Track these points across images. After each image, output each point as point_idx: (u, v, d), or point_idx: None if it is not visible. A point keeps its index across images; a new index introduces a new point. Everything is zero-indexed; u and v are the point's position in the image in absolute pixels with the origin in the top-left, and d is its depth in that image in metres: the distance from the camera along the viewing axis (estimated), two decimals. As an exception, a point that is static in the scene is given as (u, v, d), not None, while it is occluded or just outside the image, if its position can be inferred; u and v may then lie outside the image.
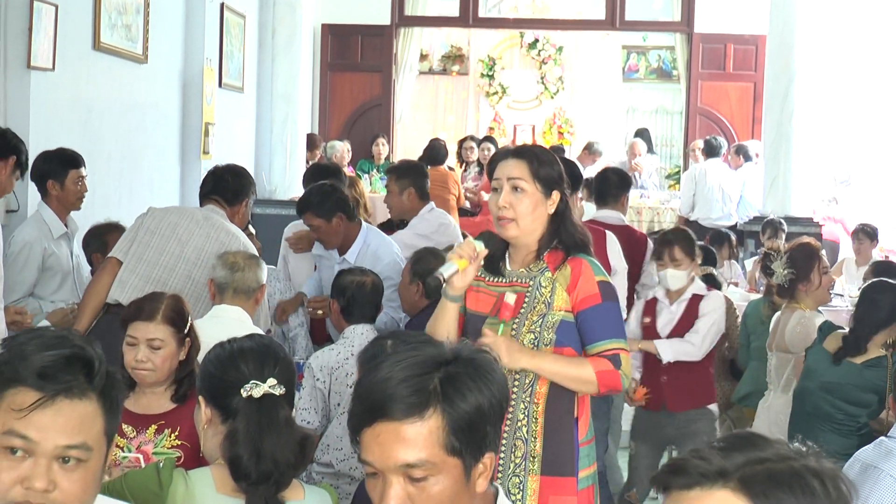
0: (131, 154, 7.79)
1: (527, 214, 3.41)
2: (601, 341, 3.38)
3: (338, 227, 5.50)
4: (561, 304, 3.40)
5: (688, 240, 5.41)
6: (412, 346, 1.91)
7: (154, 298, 3.70)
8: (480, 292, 3.50)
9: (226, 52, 9.78)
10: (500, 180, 3.45)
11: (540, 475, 3.38)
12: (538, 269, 3.45)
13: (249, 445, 2.64)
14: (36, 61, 6.29)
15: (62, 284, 5.61)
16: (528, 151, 3.54)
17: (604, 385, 3.34)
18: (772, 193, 10.53)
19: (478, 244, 3.37)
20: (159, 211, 5.10)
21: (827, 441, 4.79)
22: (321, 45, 13.38)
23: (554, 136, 16.87)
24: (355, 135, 13.48)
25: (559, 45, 17.00)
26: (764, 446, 1.45)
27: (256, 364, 2.76)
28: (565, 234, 3.47)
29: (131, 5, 7.68)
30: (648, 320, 5.45)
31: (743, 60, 13.12)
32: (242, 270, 4.52)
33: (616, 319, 3.43)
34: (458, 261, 3.32)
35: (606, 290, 3.43)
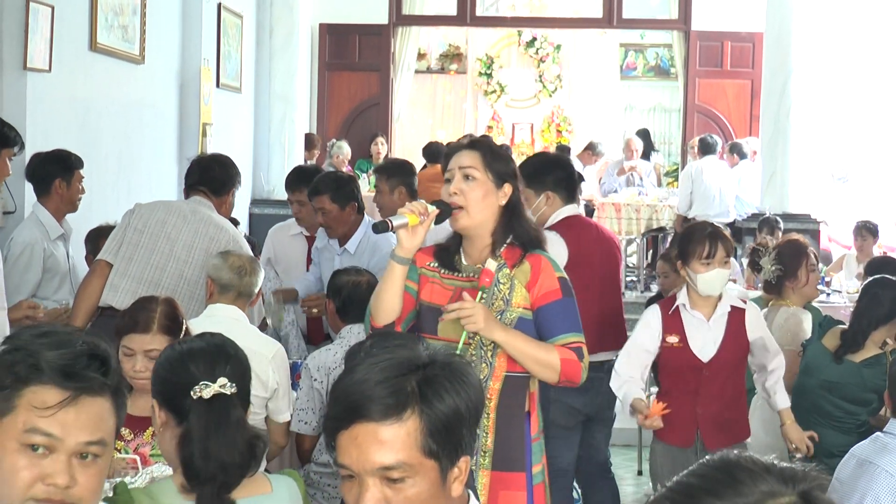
0: (129, 155, 7.79)
1: (477, 202, 3.43)
2: (563, 334, 3.41)
3: (348, 217, 5.52)
4: (520, 300, 3.43)
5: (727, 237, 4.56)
6: (388, 349, 1.91)
7: (147, 307, 3.68)
8: (435, 284, 3.52)
9: (223, 52, 9.78)
10: (452, 170, 3.49)
11: (490, 470, 3.40)
12: (496, 266, 3.46)
13: (199, 446, 2.64)
14: (32, 62, 6.29)
15: (60, 285, 5.62)
16: (482, 143, 3.59)
17: (564, 374, 3.38)
18: (769, 190, 10.55)
19: (430, 206, 3.40)
20: (145, 208, 5.08)
21: (826, 438, 4.80)
22: (319, 44, 13.38)
23: (552, 134, 16.87)
24: (353, 134, 13.48)
25: (557, 43, 16.99)
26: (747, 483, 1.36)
27: (207, 364, 2.75)
28: (519, 229, 3.49)
29: (128, 6, 7.68)
30: (677, 340, 4.47)
31: (740, 58, 13.12)
32: (248, 275, 4.54)
33: (575, 314, 3.47)
34: (409, 215, 3.34)
35: (565, 287, 3.47)
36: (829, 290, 8.84)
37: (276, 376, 4.38)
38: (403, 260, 3.43)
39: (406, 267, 3.45)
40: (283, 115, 11.15)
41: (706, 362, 4.43)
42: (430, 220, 3.38)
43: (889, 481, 3.26)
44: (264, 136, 11.15)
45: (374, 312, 3.51)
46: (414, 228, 3.36)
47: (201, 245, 4.97)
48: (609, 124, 16.81)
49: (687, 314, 4.48)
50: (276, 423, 4.45)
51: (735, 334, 4.48)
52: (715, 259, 4.37)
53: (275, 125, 11.13)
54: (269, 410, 4.42)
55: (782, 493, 1.34)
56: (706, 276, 4.37)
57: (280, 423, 4.46)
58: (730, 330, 4.47)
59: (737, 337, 4.49)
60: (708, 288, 4.40)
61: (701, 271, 4.37)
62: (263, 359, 4.36)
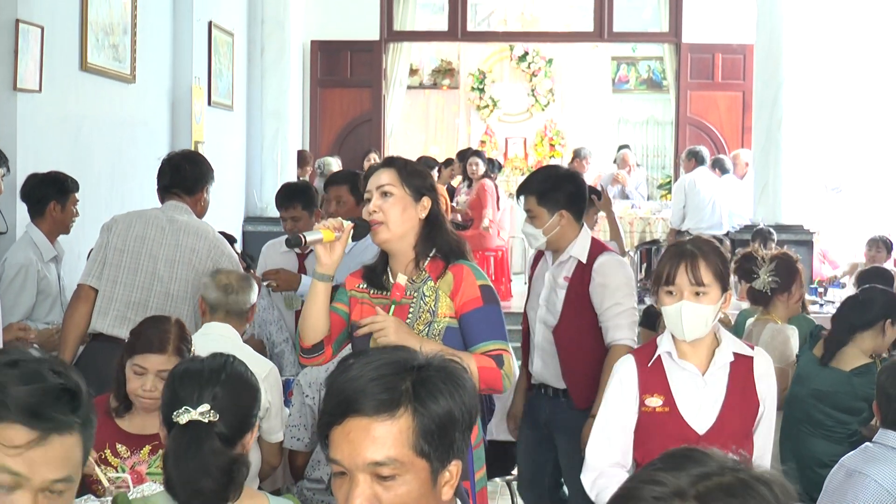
0: (121, 174, 7.78)
1: (396, 216, 3.50)
2: (484, 342, 3.44)
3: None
4: (445, 310, 3.47)
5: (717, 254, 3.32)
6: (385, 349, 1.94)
7: (162, 328, 3.71)
8: (365, 304, 3.56)
9: (214, 70, 9.78)
10: (370, 191, 3.55)
11: None
12: (420, 279, 3.52)
13: (175, 470, 2.67)
14: (22, 83, 6.29)
15: (52, 307, 5.61)
16: (397, 161, 3.66)
17: (484, 381, 3.38)
18: (762, 201, 10.55)
19: (345, 221, 3.44)
20: (122, 223, 5.03)
21: (817, 447, 4.80)
22: (310, 61, 13.40)
23: (545, 148, 16.90)
24: (346, 150, 13.49)
25: (549, 57, 17.05)
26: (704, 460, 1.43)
27: (195, 388, 2.77)
28: (440, 241, 3.54)
29: (118, 25, 7.68)
30: (661, 402, 3.31)
31: (731, 70, 13.15)
32: (236, 293, 4.54)
33: (497, 322, 3.49)
34: (324, 231, 3.38)
35: (487, 294, 3.50)
36: (823, 300, 8.85)
37: (268, 396, 4.36)
38: (324, 276, 3.48)
39: (328, 284, 3.49)
40: (276, 132, 11.15)
41: (703, 434, 3.26)
42: (347, 235, 3.42)
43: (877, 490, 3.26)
44: (257, 154, 11.14)
45: (302, 332, 3.55)
46: (331, 245, 3.41)
47: (183, 258, 4.96)
48: (602, 137, 16.84)
49: (673, 366, 3.31)
50: (268, 442, 4.43)
51: (742, 393, 3.30)
52: (676, 285, 3.23)
53: (267, 142, 11.12)
54: (262, 430, 4.40)
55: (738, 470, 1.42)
56: (668, 310, 3.25)
57: (272, 443, 4.45)
58: (734, 388, 3.30)
59: (744, 397, 3.31)
60: (673, 327, 3.27)
61: (664, 303, 3.26)
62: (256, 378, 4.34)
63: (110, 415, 3.62)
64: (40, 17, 6.48)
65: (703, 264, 3.21)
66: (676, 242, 3.39)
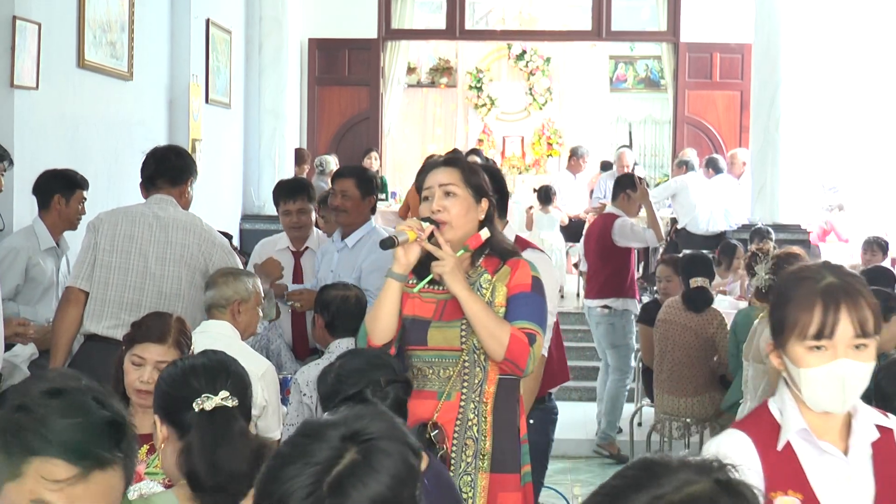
0: (118, 171, 7.77)
1: (461, 217, 3.51)
2: (521, 320, 3.44)
3: (365, 209, 5.57)
4: (501, 299, 3.49)
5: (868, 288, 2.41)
6: (301, 447, 1.75)
7: (163, 319, 3.74)
8: (415, 299, 3.56)
9: (212, 67, 9.77)
10: (431, 188, 3.56)
11: (489, 472, 3.45)
12: (476, 273, 3.54)
13: (204, 458, 2.65)
14: (20, 80, 6.27)
15: (43, 297, 5.64)
16: (459, 161, 3.69)
17: (510, 352, 3.38)
18: (760, 201, 10.56)
19: (424, 223, 3.45)
20: (107, 222, 5.00)
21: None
22: (308, 59, 13.39)
23: (543, 146, 16.90)
24: (344, 148, 13.48)
25: (547, 56, 17.04)
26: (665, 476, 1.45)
27: (208, 379, 2.78)
28: (496, 244, 3.57)
29: (116, 23, 7.67)
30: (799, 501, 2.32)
31: (729, 69, 13.15)
32: (212, 287, 4.57)
33: (540, 309, 3.51)
34: (409, 232, 3.41)
35: (537, 285, 3.53)
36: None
37: (265, 394, 4.36)
38: (400, 276, 3.48)
39: (403, 284, 3.50)
40: (273, 130, 11.15)
41: None
42: (425, 236, 3.42)
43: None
44: (254, 152, 11.14)
45: (371, 331, 3.54)
46: (410, 245, 3.42)
47: (173, 255, 4.94)
48: (599, 136, 16.84)
49: (809, 449, 2.36)
50: (265, 440, 4.44)
51: (891, 480, 2.37)
52: (833, 339, 2.31)
53: (265, 140, 11.12)
54: (259, 429, 4.40)
55: (698, 481, 1.45)
56: (816, 374, 2.32)
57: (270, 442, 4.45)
58: (883, 474, 2.36)
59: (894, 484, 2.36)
60: (822, 397, 2.33)
61: (806, 363, 2.33)
62: (253, 377, 4.28)
63: None
64: (38, 13, 6.47)
65: (866, 305, 2.33)
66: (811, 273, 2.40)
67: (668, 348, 7.00)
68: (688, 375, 6.92)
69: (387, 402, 3.05)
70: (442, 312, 3.51)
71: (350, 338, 4.67)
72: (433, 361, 3.51)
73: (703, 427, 7.04)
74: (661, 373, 7.06)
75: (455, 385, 3.47)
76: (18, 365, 4.95)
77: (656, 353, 7.13)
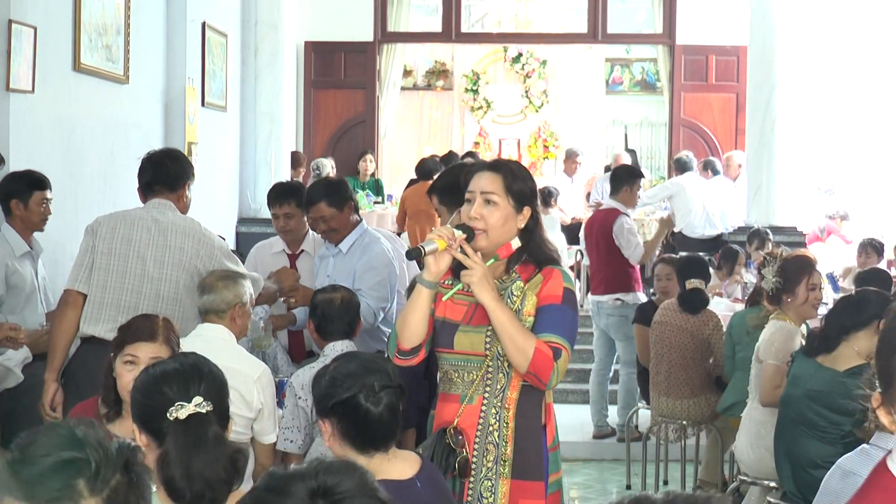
0: (114, 175, 7.76)
1: (497, 227, 3.49)
2: (548, 333, 3.41)
3: (347, 218, 5.55)
4: (530, 308, 3.47)
5: None
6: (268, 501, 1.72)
7: (150, 318, 3.75)
8: (448, 299, 3.55)
9: (208, 71, 9.77)
10: (473, 193, 3.53)
11: (510, 479, 3.44)
12: (510, 279, 3.53)
13: (180, 466, 2.64)
14: (15, 84, 6.27)
15: (26, 303, 5.58)
16: (504, 166, 3.61)
17: (534, 365, 3.36)
18: (755, 203, 10.57)
19: (456, 231, 3.42)
20: (106, 225, 4.99)
21: (811, 448, 4.80)
22: (304, 62, 13.39)
23: (539, 149, 16.91)
24: (340, 152, 13.48)
25: (543, 58, 17.04)
26: None
27: (180, 385, 2.76)
28: (535, 250, 3.54)
29: (111, 26, 7.67)
30: None
31: (725, 71, 13.17)
32: (210, 292, 4.55)
33: (569, 323, 3.48)
34: (438, 241, 3.38)
35: (568, 297, 3.50)
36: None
37: (261, 397, 4.35)
38: (430, 284, 3.47)
39: (433, 291, 3.49)
40: (269, 133, 11.14)
41: None
42: (458, 245, 3.40)
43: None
44: (250, 155, 11.13)
45: (400, 334, 3.54)
46: (441, 254, 3.40)
47: (171, 259, 4.93)
48: (595, 139, 16.85)
49: None
50: (261, 444, 4.43)
51: None
52: None
53: (261, 143, 11.11)
54: (255, 431, 4.40)
55: None
56: None
57: (266, 445, 4.44)
58: None
59: None
60: None
61: None
62: (248, 379, 4.34)
63: (101, 420, 3.60)
64: (33, 17, 6.47)
65: None
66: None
67: (664, 350, 7.00)
68: (684, 377, 6.92)
69: (380, 408, 3.04)
70: (472, 317, 3.50)
71: (345, 340, 4.68)
72: (459, 365, 3.52)
73: (700, 429, 7.05)
74: (658, 375, 7.06)
75: (478, 389, 3.48)
76: (12, 369, 4.94)
77: (652, 355, 7.13)
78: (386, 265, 5.46)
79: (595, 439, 8.68)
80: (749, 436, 5.54)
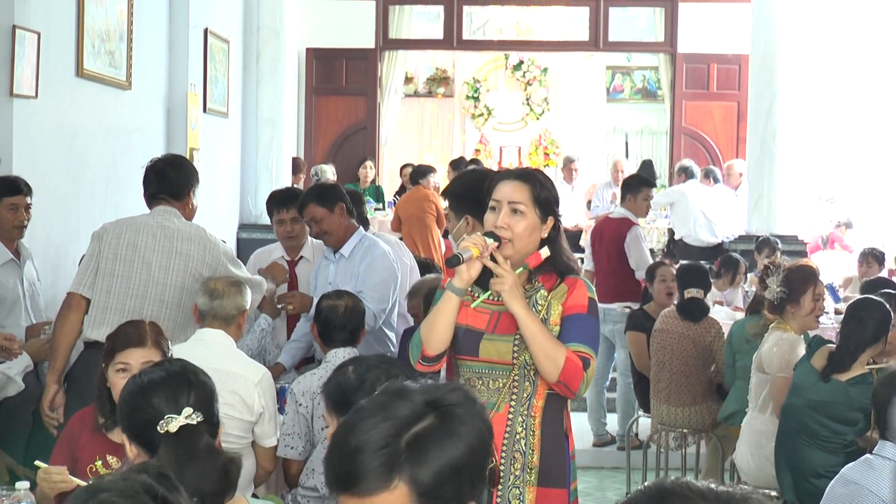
0: (116, 180, 7.77)
1: (524, 237, 3.50)
2: (576, 342, 3.43)
3: (339, 219, 5.55)
4: (556, 318, 3.49)
5: None
6: (383, 401, 1.82)
7: (136, 325, 3.73)
8: (470, 308, 3.55)
9: (210, 77, 9.78)
10: (500, 202, 3.52)
11: (536, 486, 3.47)
12: (533, 289, 3.53)
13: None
14: (19, 89, 6.28)
15: (9, 312, 5.51)
16: (532, 175, 3.61)
17: (564, 374, 3.37)
18: (756, 212, 10.57)
19: (488, 239, 3.43)
20: (112, 232, 5.00)
21: (813, 458, 4.80)
22: (306, 69, 13.40)
23: (540, 157, 16.91)
24: (341, 158, 13.49)
25: (544, 66, 17.06)
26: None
27: (169, 395, 2.75)
28: (557, 259, 3.55)
29: (114, 32, 7.68)
30: None
31: (726, 80, 13.18)
32: (221, 297, 4.53)
33: (594, 332, 3.51)
34: (473, 248, 3.38)
35: (593, 307, 3.52)
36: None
37: (261, 400, 4.36)
38: (460, 291, 3.47)
39: (461, 298, 3.49)
40: (271, 139, 11.15)
41: None
42: (489, 252, 3.40)
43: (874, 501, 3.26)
44: (252, 161, 11.14)
45: (426, 341, 3.52)
46: (473, 261, 3.40)
47: (177, 265, 4.93)
48: (596, 146, 16.86)
49: None
50: (262, 447, 4.43)
51: None
52: None
53: (262, 150, 11.12)
54: (256, 435, 4.40)
55: None
56: None
57: (267, 448, 4.44)
58: None
59: None
60: None
61: None
62: (249, 383, 4.34)
63: (99, 428, 3.59)
64: (37, 23, 6.47)
65: None
66: None
67: (665, 358, 6.98)
68: (685, 385, 6.91)
69: None
70: (496, 325, 3.51)
71: (348, 347, 4.69)
72: (483, 373, 3.52)
73: (700, 437, 7.04)
74: (660, 382, 7.04)
75: (504, 397, 3.48)
76: (13, 377, 4.93)
77: (653, 363, 7.11)
78: (387, 268, 5.49)
79: (595, 447, 8.67)
80: (749, 445, 5.54)
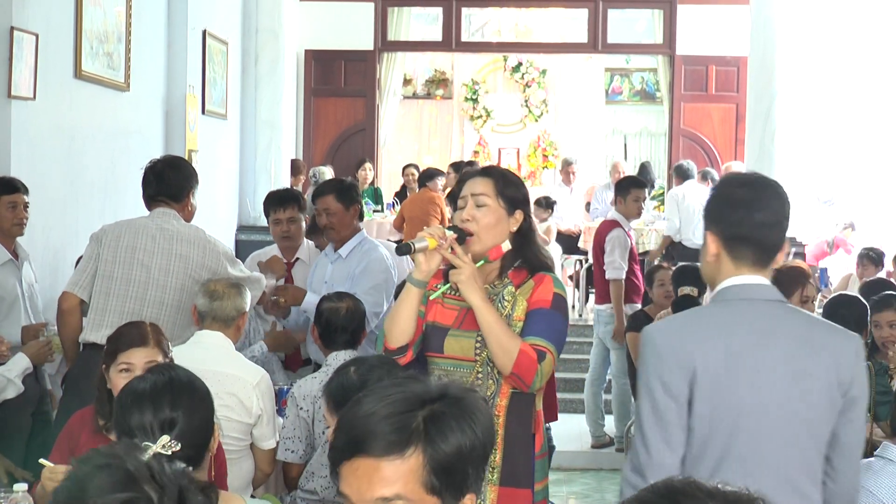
0: (115, 182, 7.77)
1: (489, 228, 3.50)
2: (534, 336, 3.41)
3: (351, 219, 5.60)
4: (520, 313, 3.48)
5: None
6: (398, 381, 1.89)
7: (137, 325, 3.74)
8: (439, 305, 3.57)
9: (209, 78, 9.77)
10: (465, 198, 3.56)
11: (498, 486, 3.44)
12: (502, 284, 3.53)
13: None
14: (17, 91, 6.27)
15: (7, 313, 5.51)
16: (495, 171, 3.67)
17: (518, 366, 3.35)
18: (755, 214, 10.55)
19: (448, 231, 3.44)
20: (111, 234, 5.00)
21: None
22: (304, 70, 13.40)
23: (538, 158, 16.92)
24: (339, 160, 13.48)
25: (543, 68, 17.08)
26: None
27: (150, 411, 2.75)
28: (529, 255, 3.55)
29: (112, 33, 7.67)
30: None
31: (725, 82, 13.18)
32: (221, 299, 4.53)
33: (557, 327, 3.48)
34: (429, 239, 3.39)
35: (558, 302, 3.50)
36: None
37: (260, 403, 4.35)
38: (419, 283, 3.47)
39: (422, 290, 3.49)
40: (269, 141, 11.15)
41: None
42: (448, 244, 3.41)
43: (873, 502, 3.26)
44: (250, 163, 11.14)
45: (388, 333, 3.54)
46: (431, 253, 3.41)
47: (176, 267, 4.93)
48: (595, 148, 16.86)
49: None
50: (261, 449, 4.43)
51: None
52: None
53: (261, 151, 11.12)
54: (254, 437, 4.40)
55: None
56: None
57: (265, 450, 4.44)
58: None
59: None
60: None
61: None
62: (248, 385, 4.34)
63: (100, 429, 3.58)
64: (35, 24, 6.47)
65: None
66: None
67: (664, 360, 6.97)
68: (684, 387, 6.89)
69: None
70: (462, 321, 3.51)
71: (349, 350, 4.67)
72: (449, 370, 3.52)
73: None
74: (658, 384, 7.03)
75: None
76: (12, 379, 4.92)
77: (652, 364, 7.10)
78: (383, 271, 5.51)
79: (593, 449, 8.67)
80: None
